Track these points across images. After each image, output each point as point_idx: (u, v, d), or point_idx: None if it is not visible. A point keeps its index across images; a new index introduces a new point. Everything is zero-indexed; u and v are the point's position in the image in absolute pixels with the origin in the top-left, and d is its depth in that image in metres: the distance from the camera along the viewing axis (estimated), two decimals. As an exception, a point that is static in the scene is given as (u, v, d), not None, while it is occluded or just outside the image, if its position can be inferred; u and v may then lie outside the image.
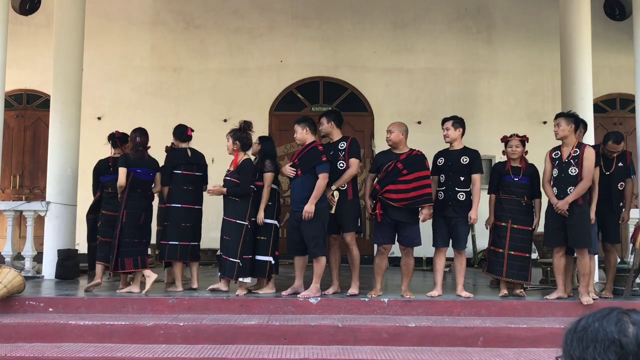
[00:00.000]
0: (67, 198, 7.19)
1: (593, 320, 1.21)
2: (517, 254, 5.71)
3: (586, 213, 5.49)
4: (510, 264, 5.70)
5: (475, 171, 5.72)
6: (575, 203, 5.45)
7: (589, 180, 5.45)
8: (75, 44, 7.40)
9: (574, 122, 5.62)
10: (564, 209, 5.43)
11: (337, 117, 5.98)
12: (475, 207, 5.65)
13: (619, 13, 10.51)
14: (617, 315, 1.20)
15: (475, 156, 5.79)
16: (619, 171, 5.87)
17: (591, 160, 5.47)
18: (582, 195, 5.45)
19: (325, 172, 5.47)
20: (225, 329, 4.70)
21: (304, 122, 5.76)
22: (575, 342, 1.20)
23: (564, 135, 5.61)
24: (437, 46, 10.34)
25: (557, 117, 5.75)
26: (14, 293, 5.20)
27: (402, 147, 5.75)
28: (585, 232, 5.44)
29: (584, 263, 5.42)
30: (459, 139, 5.85)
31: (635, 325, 1.17)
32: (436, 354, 4.41)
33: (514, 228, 5.72)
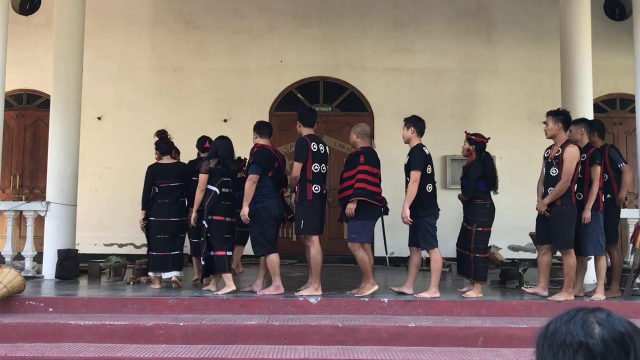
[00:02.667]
0: (67, 198, 7.19)
1: (560, 323, 1.21)
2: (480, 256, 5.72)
3: (566, 214, 5.45)
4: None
5: (412, 168, 5.59)
6: (553, 204, 5.47)
7: (565, 182, 5.40)
8: (75, 44, 7.40)
9: (562, 121, 5.57)
10: (541, 210, 5.53)
11: (301, 116, 5.97)
12: (405, 204, 5.50)
13: (619, 13, 10.50)
14: (583, 316, 1.20)
15: (411, 152, 5.67)
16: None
17: (570, 161, 5.40)
18: (567, 194, 5.42)
19: (250, 173, 5.67)
20: (225, 329, 4.70)
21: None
22: (546, 348, 1.21)
23: (552, 134, 5.61)
24: (437, 46, 10.34)
25: (547, 115, 5.73)
26: (14, 293, 5.20)
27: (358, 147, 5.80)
28: (562, 233, 5.44)
29: (566, 263, 5.47)
30: (414, 138, 5.74)
31: (601, 325, 1.17)
32: (436, 354, 4.41)
33: (478, 231, 5.70)
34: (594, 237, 5.59)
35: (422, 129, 5.77)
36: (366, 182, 5.53)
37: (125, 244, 10.00)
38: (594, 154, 5.67)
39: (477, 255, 5.67)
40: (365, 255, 5.57)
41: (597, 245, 5.60)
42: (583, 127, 5.85)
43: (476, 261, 5.67)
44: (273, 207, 5.71)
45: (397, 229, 9.45)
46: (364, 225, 5.58)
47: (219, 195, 5.83)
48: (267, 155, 5.79)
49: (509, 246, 9.97)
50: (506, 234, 9.54)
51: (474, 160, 5.83)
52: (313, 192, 5.61)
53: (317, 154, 5.69)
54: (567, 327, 1.20)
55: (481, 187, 5.73)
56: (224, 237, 5.84)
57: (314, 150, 5.66)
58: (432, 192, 5.66)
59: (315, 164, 5.64)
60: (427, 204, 5.59)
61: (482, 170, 5.73)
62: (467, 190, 5.75)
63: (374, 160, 5.67)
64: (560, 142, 5.54)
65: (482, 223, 5.69)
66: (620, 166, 5.81)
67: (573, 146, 5.49)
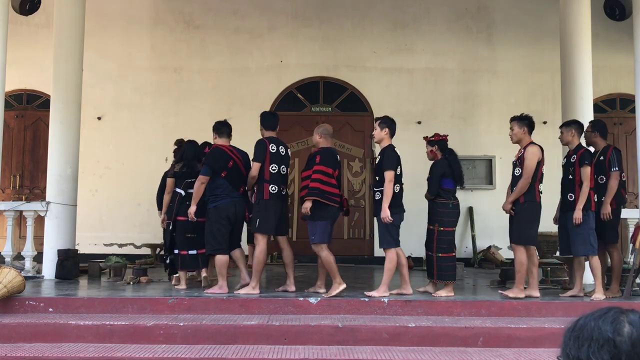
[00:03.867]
0: (67, 198, 7.19)
1: (590, 319, 1.21)
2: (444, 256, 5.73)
3: (527, 211, 5.54)
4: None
5: (385, 168, 5.59)
6: (517, 202, 5.57)
7: (526, 179, 5.49)
8: (75, 44, 7.39)
9: (527, 125, 5.68)
10: (506, 208, 5.64)
11: (263, 120, 6.07)
12: (384, 205, 5.50)
13: (619, 13, 10.50)
14: (614, 314, 1.20)
15: (384, 153, 5.69)
16: (599, 166, 5.83)
17: (529, 159, 5.50)
18: (531, 192, 5.48)
19: (200, 174, 5.90)
20: (225, 329, 4.70)
21: None
22: (572, 341, 1.20)
23: (518, 139, 5.70)
24: (437, 46, 10.34)
25: (510, 121, 5.80)
26: (14, 293, 5.20)
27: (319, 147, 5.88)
28: (519, 229, 5.56)
29: (516, 259, 5.54)
30: (386, 138, 5.76)
31: (631, 325, 1.17)
32: (436, 354, 4.40)
33: (441, 230, 5.71)
34: (584, 237, 5.59)
35: (395, 130, 5.84)
36: (320, 182, 5.58)
37: (125, 244, 10.00)
38: (583, 154, 5.66)
39: (440, 255, 5.68)
40: (329, 255, 5.63)
41: (587, 245, 5.58)
42: (574, 129, 5.85)
43: (439, 261, 5.67)
44: (225, 208, 5.82)
45: (397, 229, 9.50)
46: (320, 225, 5.61)
47: (184, 196, 6.17)
48: (219, 156, 5.93)
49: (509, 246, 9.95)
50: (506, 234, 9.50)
51: (439, 159, 5.87)
52: (270, 192, 5.71)
53: (276, 155, 5.79)
54: (596, 323, 1.20)
55: (446, 185, 5.75)
56: (186, 236, 6.11)
57: (272, 151, 5.77)
58: (399, 193, 5.69)
59: (273, 164, 5.75)
60: (393, 204, 5.58)
61: (447, 167, 5.76)
62: (431, 188, 5.77)
63: (331, 160, 5.70)
64: (524, 144, 5.65)
65: (444, 222, 5.70)
66: (612, 171, 5.74)
67: (533, 146, 5.59)
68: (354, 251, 9.97)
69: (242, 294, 5.55)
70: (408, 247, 9.77)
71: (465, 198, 10.05)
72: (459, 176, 5.83)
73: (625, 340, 1.15)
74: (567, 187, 5.79)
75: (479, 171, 10.16)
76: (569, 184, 5.74)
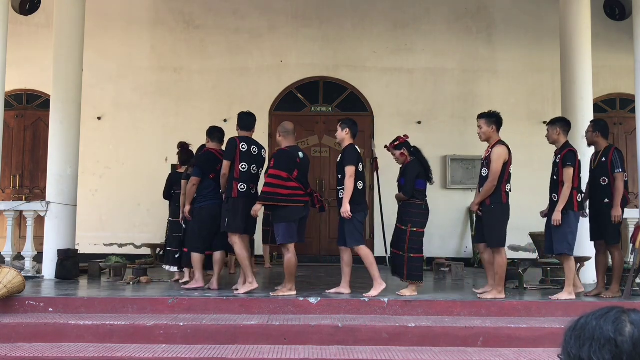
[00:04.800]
0: (67, 198, 7.19)
1: (592, 318, 1.21)
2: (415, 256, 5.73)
3: (494, 213, 5.54)
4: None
5: (346, 163, 5.63)
6: (483, 204, 5.58)
7: (492, 181, 5.48)
8: (75, 44, 7.39)
9: (495, 122, 5.68)
10: (473, 209, 5.69)
11: (239, 120, 6.12)
12: (345, 200, 5.53)
13: (619, 13, 10.50)
14: (616, 314, 1.20)
15: (345, 150, 5.74)
16: (601, 166, 5.81)
17: (495, 160, 5.49)
18: (497, 194, 5.49)
19: (192, 176, 6.16)
20: (225, 329, 4.70)
21: None
22: (573, 340, 1.20)
23: (487, 137, 5.70)
24: (437, 46, 10.34)
25: (478, 118, 5.79)
26: (14, 293, 5.20)
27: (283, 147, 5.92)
28: (491, 232, 5.56)
29: (495, 262, 5.54)
30: (347, 139, 5.79)
31: (633, 324, 1.17)
32: (436, 354, 4.40)
33: (413, 231, 5.70)
34: (561, 236, 5.57)
35: (356, 132, 5.88)
36: (272, 185, 5.60)
37: (125, 244, 10.00)
38: (567, 155, 5.61)
39: (411, 255, 5.67)
40: (294, 257, 5.66)
41: (564, 244, 5.56)
42: (559, 127, 5.78)
43: (410, 261, 5.67)
44: (210, 208, 6.03)
45: (397, 229, 9.50)
46: (281, 227, 5.65)
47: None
48: (209, 159, 6.16)
49: (509, 246, 9.92)
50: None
51: (411, 160, 5.87)
52: (238, 190, 5.75)
53: (247, 154, 5.83)
54: (598, 322, 1.20)
55: (419, 186, 5.75)
56: (173, 235, 6.79)
57: (242, 150, 5.81)
58: (362, 190, 5.70)
59: (243, 163, 5.79)
60: (357, 201, 5.61)
61: (420, 168, 5.79)
62: (407, 190, 5.75)
63: (286, 162, 5.69)
64: (492, 143, 5.64)
65: (417, 223, 5.70)
66: (616, 172, 5.70)
67: (500, 146, 5.57)
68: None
69: (241, 294, 5.55)
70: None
71: (465, 198, 10.06)
72: (429, 174, 5.88)
73: (626, 340, 1.15)
74: (551, 188, 5.79)
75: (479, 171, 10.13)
76: (553, 184, 5.74)
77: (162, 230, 9.74)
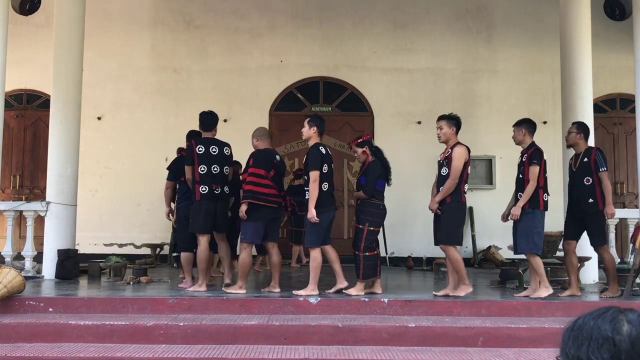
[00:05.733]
0: (67, 198, 7.19)
1: (589, 318, 1.21)
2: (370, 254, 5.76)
3: (454, 211, 5.57)
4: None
5: (310, 168, 5.63)
6: (443, 202, 5.61)
7: (453, 179, 5.52)
8: (75, 44, 7.39)
9: (455, 125, 5.72)
10: (432, 208, 5.67)
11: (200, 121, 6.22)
12: (310, 204, 5.56)
13: (619, 13, 10.50)
14: (613, 313, 1.20)
15: (309, 152, 5.73)
16: (583, 167, 5.81)
17: (457, 159, 5.53)
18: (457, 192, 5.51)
19: (166, 179, 6.55)
20: (225, 329, 4.70)
21: None
22: (571, 340, 1.20)
23: (447, 138, 5.73)
24: (437, 46, 10.34)
25: (439, 119, 5.80)
26: (14, 293, 5.20)
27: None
28: (445, 229, 5.59)
29: (451, 258, 5.57)
30: (314, 136, 5.78)
31: (630, 324, 1.18)
32: (436, 354, 4.40)
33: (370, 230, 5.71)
34: (526, 235, 5.59)
35: (323, 130, 5.89)
36: (253, 184, 5.69)
37: (125, 244, 10.01)
38: (533, 153, 5.63)
39: (367, 254, 5.70)
40: (247, 256, 5.72)
41: (530, 243, 5.58)
42: (525, 128, 5.80)
43: (365, 260, 5.69)
44: (184, 209, 6.18)
45: (397, 229, 9.50)
46: (250, 226, 5.71)
47: None
48: (180, 163, 6.39)
49: (509, 246, 9.95)
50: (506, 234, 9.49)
51: (373, 160, 5.88)
52: (200, 193, 5.86)
53: (205, 156, 5.89)
54: (595, 322, 1.20)
55: (379, 186, 5.77)
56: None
57: (199, 152, 5.88)
58: (327, 191, 5.69)
59: (201, 165, 5.86)
60: (321, 202, 5.61)
61: (381, 168, 5.80)
62: (367, 189, 5.75)
63: (264, 162, 5.79)
64: (451, 144, 5.68)
65: (374, 223, 5.72)
66: (601, 171, 5.69)
67: (461, 146, 5.62)
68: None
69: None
70: (408, 247, 9.84)
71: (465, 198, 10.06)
72: (389, 175, 5.90)
73: (624, 339, 1.15)
74: (517, 187, 5.79)
75: (479, 171, 10.16)
76: (520, 183, 5.75)
77: (162, 230, 9.78)
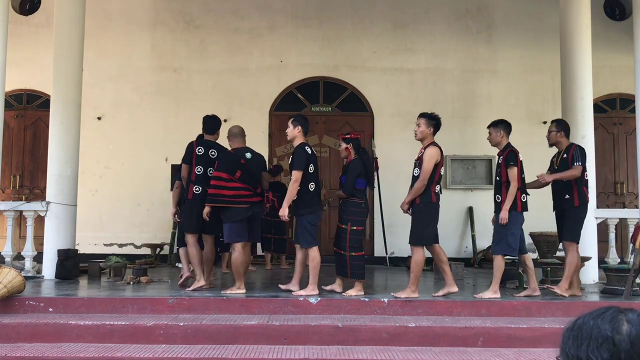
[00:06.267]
0: (67, 198, 7.19)
1: (589, 318, 1.22)
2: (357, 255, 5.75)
3: (423, 212, 5.57)
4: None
5: (293, 167, 5.68)
6: (413, 203, 5.62)
7: (422, 180, 5.52)
8: (75, 44, 7.39)
9: (434, 125, 5.71)
10: (403, 208, 5.68)
11: (203, 124, 6.28)
12: (284, 203, 5.60)
13: (619, 13, 10.50)
14: (613, 313, 1.21)
15: (294, 152, 5.76)
16: (563, 163, 5.81)
17: (427, 160, 5.52)
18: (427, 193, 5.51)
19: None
20: (225, 329, 4.70)
21: None
22: (571, 340, 1.21)
23: (423, 136, 5.72)
24: (437, 46, 10.34)
25: (419, 116, 5.80)
26: (14, 293, 5.20)
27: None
28: (415, 230, 5.60)
29: (413, 259, 5.57)
30: (299, 136, 5.81)
31: (630, 323, 1.18)
32: (436, 354, 4.40)
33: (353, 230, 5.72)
34: (500, 237, 5.60)
35: (307, 129, 5.91)
36: (217, 187, 5.73)
37: (125, 244, 10.00)
38: (508, 155, 5.63)
39: (353, 254, 5.70)
40: (240, 256, 5.70)
41: (503, 245, 5.59)
42: (502, 130, 5.79)
43: (352, 260, 5.70)
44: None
45: (397, 229, 9.49)
46: (226, 227, 5.76)
47: None
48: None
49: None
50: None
51: (353, 159, 5.90)
52: (194, 192, 5.98)
53: (203, 157, 6.03)
54: (595, 322, 1.20)
55: (359, 185, 5.78)
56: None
57: (199, 153, 6.04)
58: (314, 191, 5.71)
59: (198, 166, 6.01)
60: (308, 203, 5.64)
61: (361, 167, 5.81)
62: (346, 188, 5.78)
63: (228, 164, 5.81)
64: (426, 144, 5.68)
65: (357, 222, 5.73)
66: (575, 165, 5.68)
67: (433, 147, 5.60)
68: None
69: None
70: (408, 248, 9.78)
71: (465, 198, 10.07)
72: (370, 176, 5.91)
73: (624, 339, 1.16)
74: (495, 189, 5.79)
75: (479, 171, 10.15)
76: (497, 185, 5.76)
77: (162, 230, 9.78)
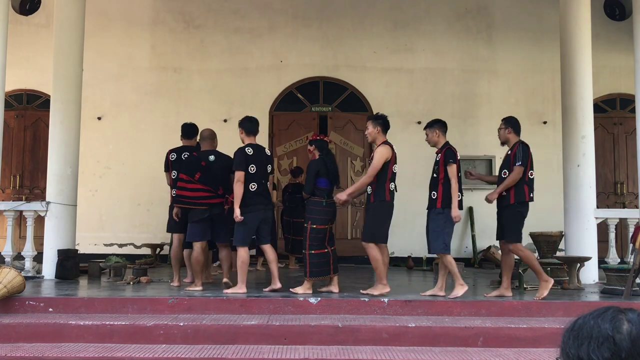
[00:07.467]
0: (67, 198, 7.19)
1: (589, 318, 1.22)
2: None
3: (376, 209, 5.62)
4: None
5: (233, 168, 5.83)
6: (367, 201, 5.77)
7: (368, 176, 5.63)
8: (75, 44, 7.39)
9: (381, 125, 5.76)
10: (340, 200, 5.72)
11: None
12: (234, 205, 5.70)
13: (619, 13, 10.50)
14: (613, 313, 1.21)
15: (234, 154, 5.88)
16: (506, 160, 5.79)
17: (376, 158, 5.60)
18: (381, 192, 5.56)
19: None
20: (225, 329, 4.70)
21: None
22: (572, 340, 1.21)
23: (373, 138, 5.81)
24: (437, 46, 10.34)
25: (367, 120, 5.90)
26: (14, 293, 5.20)
27: None
28: (368, 227, 5.71)
29: (370, 256, 5.62)
30: (245, 138, 5.94)
31: (630, 322, 1.18)
32: (436, 354, 4.40)
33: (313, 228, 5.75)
34: (437, 235, 5.62)
35: (250, 130, 5.95)
36: (181, 188, 6.02)
37: (125, 244, 10.00)
38: (447, 153, 5.64)
39: (312, 252, 5.72)
40: (199, 255, 5.96)
41: (440, 243, 5.60)
42: (437, 129, 5.80)
43: (311, 258, 5.72)
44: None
45: (397, 229, 9.47)
46: (190, 227, 6.05)
47: None
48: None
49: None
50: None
51: (314, 159, 5.96)
52: (171, 196, 6.48)
53: (177, 162, 6.44)
54: (595, 322, 1.21)
55: (321, 184, 5.81)
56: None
57: (171, 159, 6.55)
58: (255, 191, 5.74)
59: (173, 171, 6.44)
60: (248, 202, 5.69)
61: (322, 166, 5.83)
62: (306, 187, 5.87)
63: (189, 166, 6.06)
64: (378, 143, 5.74)
65: (317, 220, 5.75)
66: (515, 165, 5.61)
67: (384, 146, 5.66)
68: (356, 251, 9.98)
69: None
70: (409, 247, 9.83)
71: (465, 198, 10.04)
72: (334, 176, 5.92)
73: (624, 338, 1.16)
74: (430, 186, 5.80)
75: (479, 171, 10.09)
76: (433, 182, 5.77)
77: (162, 230, 9.76)
